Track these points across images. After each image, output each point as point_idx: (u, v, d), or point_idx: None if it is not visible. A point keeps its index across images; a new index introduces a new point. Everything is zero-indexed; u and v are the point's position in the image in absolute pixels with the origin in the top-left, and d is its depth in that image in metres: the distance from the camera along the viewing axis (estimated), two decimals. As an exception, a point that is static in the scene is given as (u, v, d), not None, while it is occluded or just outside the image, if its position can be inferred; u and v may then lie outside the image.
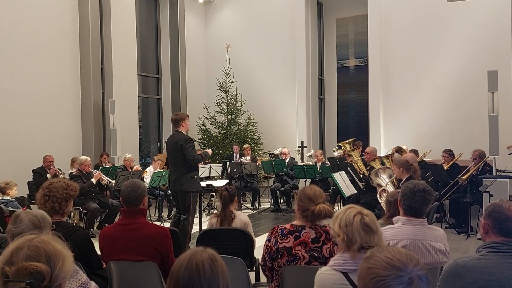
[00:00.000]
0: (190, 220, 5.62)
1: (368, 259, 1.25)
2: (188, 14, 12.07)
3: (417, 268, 1.19)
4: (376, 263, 1.20)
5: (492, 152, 7.07)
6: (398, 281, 1.15)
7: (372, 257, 1.23)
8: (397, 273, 1.16)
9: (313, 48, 11.85)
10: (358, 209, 2.05)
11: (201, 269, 1.35)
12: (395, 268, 1.17)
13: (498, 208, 2.06)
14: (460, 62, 9.98)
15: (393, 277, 1.15)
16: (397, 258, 1.20)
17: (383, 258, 1.21)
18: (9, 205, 5.72)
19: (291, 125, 11.67)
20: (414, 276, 1.16)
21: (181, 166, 5.58)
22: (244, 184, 9.36)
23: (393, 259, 1.20)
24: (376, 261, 1.21)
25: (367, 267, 1.21)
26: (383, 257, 1.21)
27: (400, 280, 1.15)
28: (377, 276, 1.17)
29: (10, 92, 7.84)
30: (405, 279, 1.15)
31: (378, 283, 1.16)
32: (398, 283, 1.15)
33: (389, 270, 1.17)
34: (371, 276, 1.18)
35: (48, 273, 1.27)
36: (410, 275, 1.16)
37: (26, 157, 7.82)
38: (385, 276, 1.16)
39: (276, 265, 2.69)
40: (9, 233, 2.25)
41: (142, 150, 11.25)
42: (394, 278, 1.15)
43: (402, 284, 1.15)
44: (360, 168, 7.56)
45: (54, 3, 8.69)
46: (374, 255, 1.24)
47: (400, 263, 1.19)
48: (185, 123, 5.70)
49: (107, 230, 3.04)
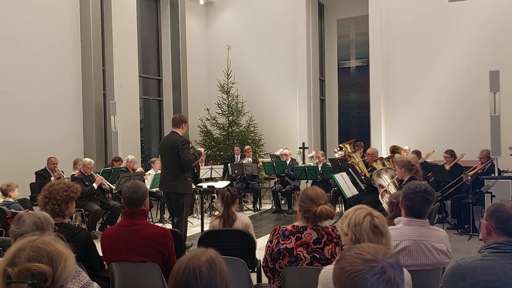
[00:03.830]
0: (183, 221, 5.67)
1: (339, 260, 1.29)
2: (189, 15, 12.09)
3: (387, 256, 1.24)
4: (348, 261, 1.25)
5: (494, 152, 7.06)
6: (371, 272, 1.20)
7: (343, 258, 1.28)
8: (369, 265, 1.21)
9: (314, 49, 11.85)
10: (369, 210, 2.03)
11: (198, 273, 1.35)
12: (367, 261, 1.22)
13: (500, 207, 2.05)
14: (461, 62, 9.98)
15: (367, 270, 1.20)
16: (366, 251, 1.26)
17: (353, 255, 1.26)
18: (11, 207, 5.73)
19: (292, 126, 11.67)
20: (386, 265, 1.21)
21: (175, 168, 5.63)
22: (245, 185, 9.35)
23: (362, 253, 1.26)
24: (347, 259, 1.26)
25: (340, 268, 1.25)
26: (353, 254, 1.26)
27: (373, 271, 1.20)
28: (351, 273, 1.22)
29: (12, 94, 7.85)
30: (378, 269, 1.21)
31: (354, 279, 1.20)
32: (372, 274, 1.20)
33: (361, 265, 1.22)
34: (346, 275, 1.22)
35: (50, 274, 1.27)
36: (382, 264, 1.21)
37: (28, 159, 7.83)
38: (359, 270, 1.21)
39: (277, 266, 2.69)
40: (11, 234, 2.25)
41: (144, 151, 11.26)
42: (367, 270, 1.20)
43: (376, 274, 1.20)
44: (361, 169, 7.55)
45: (55, 5, 8.71)
46: (344, 256, 1.29)
47: (370, 255, 1.24)
48: (184, 126, 5.82)
49: (109, 231, 3.04)
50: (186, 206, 5.74)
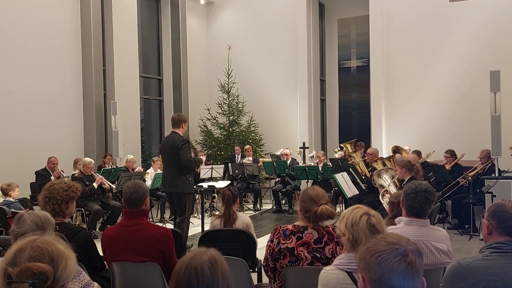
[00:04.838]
0: (185, 221, 5.67)
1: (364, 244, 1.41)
2: (190, 15, 12.09)
3: (410, 244, 1.36)
4: (373, 243, 1.36)
5: (494, 152, 7.06)
6: (395, 253, 1.31)
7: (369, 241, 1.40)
8: (393, 247, 1.32)
9: (314, 49, 11.85)
10: (365, 209, 2.05)
11: (199, 272, 1.35)
12: (391, 243, 1.34)
13: (501, 207, 2.05)
14: (462, 62, 9.97)
15: (390, 250, 1.31)
16: (391, 237, 1.39)
17: (379, 239, 1.37)
18: (11, 207, 5.73)
19: (292, 126, 11.67)
20: (408, 250, 1.32)
21: (176, 167, 5.64)
22: (246, 185, 9.35)
23: (387, 237, 1.38)
24: (373, 243, 1.37)
25: (366, 248, 1.36)
26: (379, 238, 1.38)
27: (396, 252, 1.31)
28: (376, 252, 1.32)
29: (12, 94, 7.85)
30: (401, 251, 1.31)
31: (378, 258, 1.31)
32: (395, 255, 1.30)
33: (386, 246, 1.33)
34: (371, 254, 1.33)
35: (51, 273, 1.27)
36: (405, 248, 1.32)
37: (28, 159, 7.83)
38: (383, 250, 1.31)
39: (278, 266, 2.69)
40: (12, 234, 2.25)
41: (144, 151, 11.26)
42: (391, 251, 1.31)
43: (399, 255, 1.30)
44: (362, 169, 7.55)
45: (56, 5, 8.70)
46: (369, 241, 1.41)
47: (395, 240, 1.36)
48: (184, 126, 5.82)
49: (110, 231, 3.04)
50: (188, 206, 5.74)
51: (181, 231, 5.42)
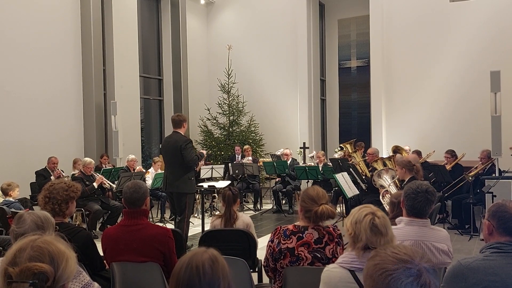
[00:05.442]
0: (185, 221, 5.68)
1: (373, 257, 1.25)
2: (190, 15, 12.08)
3: (424, 260, 1.19)
4: (383, 259, 1.21)
5: (495, 152, 7.06)
6: (407, 273, 1.15)
7: (378, 255, 1.24)
8: (405, 266, 1.16)
9: (315, 49, 11.85)
10: (373, 209, 2.04)
11: (201, 270, 1.35)
12: (403, 261, 1.18)
13: (502, 207, 2.04)
14: (462, 62, 9.97)
15: (402, 270, 1.16)
16: (403, 252, 1.21)
17: (389, 254, 1.21)
18: (11, 206, 5.72)
19: (293, 126, 11.67)
20: (422, 269, 1.17)
21: (179, 167, 5.65)
22: (246, 185, 9.35)
23: (399, 253, 1.21)
24: (383, 257, 1.21)
25: (374, 264, 1.21)
26: (389, 253, 1.22)
27: (409, 272, 1.15)
28: (386, 271, 1.17)
29: (12, 94, 7.85)
30: (414, 271, 1.16)
31: (387, 278, 1.16)
32: (407, 276, 1.15)
33: (397, 264, 1.17)
34: (380, 272, 1.18)
35: (51, 273, 1.27)
36: (418, 267, 1.17)
37: (28, 159, 7.83)
38: (393, 270, 1.16)
39: (278, 266, 2.69)
40: (12, 234, 2.25)
41: (144, 151, 11.25)
42: (403, 271, 1.16)
43: (412, 276, 1.15)
44: (362, 169, 7.55)
45: (56, 5, 8.70)
46: (379, 253, 1.24)
47: (407, 257, 1.19)
48: (185, 125, 5.86)
49: (110, 231, 3.04)
50: (188, 205, 5.76)
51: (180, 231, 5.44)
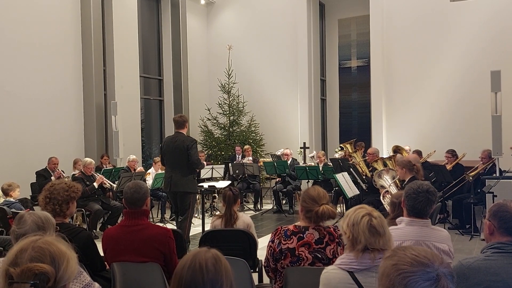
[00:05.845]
0: (188, 221, 5.69)
1: (391, 257, 1.23)
2: (190, 15, 12.08)
3: (443, 265, 1.18)
4: (402, 259, 1.19)
5: (495, 152, 7.05)
6: (425, 277, 1.14)
7: (396, 255, 1.22)
8: (424, 269, 1.15)
9: (315, 49, 11.84)
10: (369, 210, 2.03)
11: (204, 268, 1.35)
12: (422, 264, 1.17)
13: (503, 207, 2.04)
14: (462, 62, 9.96)
15: (420, 273, 1.15)
16: (423, 255, 1.20)
17: (409, 255, 1.20)
18: (12, 207, 5.72)
19: (293, 126, 11.67)
20: (441, 273, 1.16)
21: (184, 167, 5.67)
22: (246, 185, 9.35)
23: (418, 255, 1.20)
24: (401, 258, 1.20)
25: (392, 264, 1.19)
26: (408, 254, 1.20)
27: (427, 276, 1.15)
28: (404, 272, 1.16)
29: (12, 94, 7.85)
30: (433, 275, 1.15)
31: (405, 279, 1.15)
32: (425, 279, 1.14)
33: (416, 266, 1.16)
34: (398, 273, 1.17)
35: (52, 274, 1.27)
36: (437, 272, 1.16)
37: (29, 159, 7.83)
38: (412, 272, 1.15)
39: (279, 266, 2.68)
40: (12, 234, 2.25)
41: (145, 151, 11.26)
42: (422, 274, 1.15)
43: (430, 280, 1.14)
44: (362, 169, 7.55)
45: (56, 5, 8.70)
46: (397, 253, 1.22)
47: (426, 260, 1.18)
48: (187, 125, 5.97)
49: (110, 232, 3.04)
50: (192, 205, 5.81)
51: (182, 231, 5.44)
